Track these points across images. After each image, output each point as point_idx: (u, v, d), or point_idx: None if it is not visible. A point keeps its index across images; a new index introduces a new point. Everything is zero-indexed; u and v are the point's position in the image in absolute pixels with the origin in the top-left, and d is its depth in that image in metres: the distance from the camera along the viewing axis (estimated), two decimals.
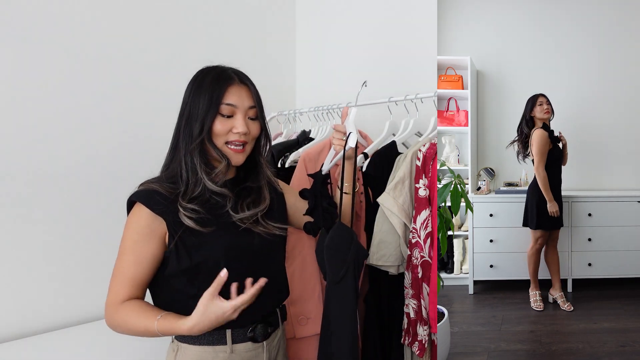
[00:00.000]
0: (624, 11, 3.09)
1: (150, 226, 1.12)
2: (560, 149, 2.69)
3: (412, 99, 1.68)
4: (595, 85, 3.13)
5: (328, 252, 1.25)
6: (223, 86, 1.15)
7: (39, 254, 1.75)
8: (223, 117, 1.16)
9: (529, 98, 2.73)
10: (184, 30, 2.12)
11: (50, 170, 1.76)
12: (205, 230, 1.12)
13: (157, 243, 1.13)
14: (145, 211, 1.12)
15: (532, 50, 3.17)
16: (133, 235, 1.13)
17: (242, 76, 1.21)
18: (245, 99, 1.18)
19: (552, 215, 2.62)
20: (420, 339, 1.53)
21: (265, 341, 1.21)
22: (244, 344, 1.18)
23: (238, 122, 1.16)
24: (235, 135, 1.16)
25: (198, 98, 1.16)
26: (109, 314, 1.13)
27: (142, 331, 1.10)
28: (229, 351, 1.17)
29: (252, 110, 1.19)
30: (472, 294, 2.97)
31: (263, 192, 1.24)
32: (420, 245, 1.50)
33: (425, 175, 1.52)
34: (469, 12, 3.20)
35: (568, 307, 2.68)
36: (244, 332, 1.18)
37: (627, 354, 2.20)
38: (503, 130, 3.17)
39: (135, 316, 1.10)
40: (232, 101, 1.16)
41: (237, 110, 1.16)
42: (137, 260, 1.12)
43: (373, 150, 1.71)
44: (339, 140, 1.32)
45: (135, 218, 1.13)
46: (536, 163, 2.60)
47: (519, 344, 2.33)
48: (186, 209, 1.11)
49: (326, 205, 1.33)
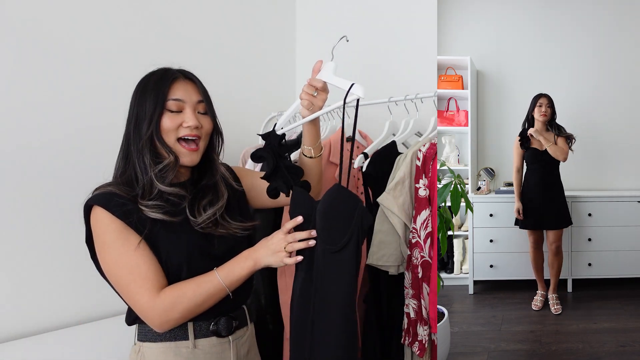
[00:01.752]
0: (624, 11, 3.09)
1: (118, 224, 1.09)
2: (539, 149, 2.68)
3: (412, 99, 1.68)
4: (596, 85, 3.13)
5: (325, 218, 1.09)
6: (167, 83, 1.15)
7: (39, 253, 1.75)
8: (171, 113, 1.15)
9: (534, 97, 2.73)
10: (184, 30, 2.12)
11: (51, 170, 1.76)
12: (176, 219, 1.12)
13: (135, 234, 1.10)
14: (106, 214, 1.09)
15: (532, 50, 3.17)
16: (112, 239, 1.09)
17: (187, 72, 1.21)
18: (192, 93, 1.17)
19: (517, 216, 2.73)
20: (421, 339, 1.53)
21: (231, 336, 1.19)
22: (208, 339, 1.16)
23: (187, 115, 1.15)
24: (187, 130, 1.15)
25: (144, 100, 1.14)
26: (154, 308, 1.07)
27: (205, 291, 1.09)
28: (191, 346, 1.14)
29: (201, 105, 1.19)
30: (472, 294, 2.97)
31: (219, 189, 1.22)
32: (420, 245, 1.50)
33: (425, 175, 1.52)
34: (469, 12, 3.20)
35: (555, 310, 2.66)
36: (207, 326, 1.16)
37: (627, 354, 2.20)
38: (503, 130, 3.17)
39: (189, 285, 1.10)
40: (179, 96, 1.15)
41: (184, 105, 1.16)
42: (137, 253, 1.09)
43: (373, 150, 1.71)
44: (308, 94, 1.19)
45: (101, 222, 1.10)
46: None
47: (519, 344, 2.33)
48: (148, 206, 1.10)
49: (288, 164, 1.19)
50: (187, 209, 1.15)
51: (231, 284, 1.11)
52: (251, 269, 1.12)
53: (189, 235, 1.15)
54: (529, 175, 2.72)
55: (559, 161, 2.69)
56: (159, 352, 1.14)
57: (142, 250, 1.09)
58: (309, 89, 1.21)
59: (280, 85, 2.54)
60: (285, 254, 1.09)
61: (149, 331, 1.16)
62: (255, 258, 1.12)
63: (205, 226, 1.16)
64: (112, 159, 1.86)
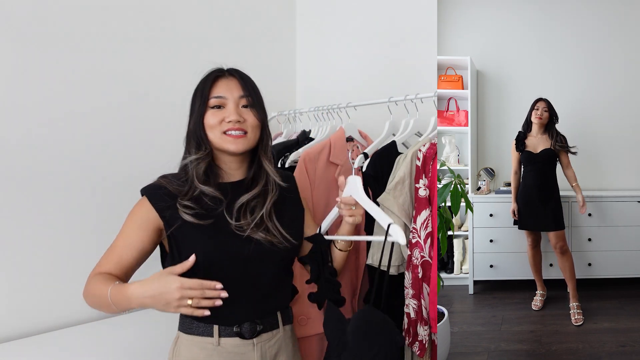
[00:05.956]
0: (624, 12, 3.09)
1: (147, 217, 1.18)
2: (533, 152, 2.71)
3: (412, 99, 1.68)
4: (595, 85, 3.12)
5: (355, 338, 1.14)
6: (210, 82, 1.22)
7: (39, 254, 1.75)
8: (214, 109, 1.21)
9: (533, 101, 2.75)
10: (183, 30, 2.12)
11: (51, 170, 1.76)
12: (204, 222, 1.16)
13: (148, 234, 1.18)
14: (146, 203, 1.18)
15: (532, 50, 3.17)
16: (130, 221, 1.20)
17: (232, 70, 1.26)
18: (235, 89, 1.22)
19: (512, 216, 2.78)
20: (421, 339, 1.53)
21: (255, 339, 1.21)
22: (232, 338, 1.20)
23: (229, 110, 1.20)
24: (229, 124, 1.19)
25: (194, 99, 1.24)
26: (86, 283, 1.18)
27: (98, 295, 1.11)
28: (215, 343, 1.19)
29: (244, 99, 1.22)
30: (472, 294, 2.97)
31: (263, 187, 1.24)
32: (421, 245, 1.50)
33: (425, 175, 1.52)
34: (469, 12, 3.20)
35: (575, 320, 2.61)
36: (230, 329, 1.21)
37: (627, 354, 2.20)
38: (503, 130, 3.17)
39: (100, 282, 1.12)
40: (220, 93, 1.21)
41: (226, 101, 1.21)
42: (126, 243, 1.18)
43: (373, 150, 1.71)
44: (350, 211, 1.25)
45: (137, 207, 1.21)
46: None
47: (519, 344, 2.33)
48: (182, 205, 1.16)
49: (328, 275, 1.28)
50: (225, 210, 1.19)
51: (113, 298, 1.07)
52: (130, 294, 1.04)
53: (219, 237, 1.17)
54: (525, 176, 2.75)
55: (555, 163, 2.71)
56: (189, 343, 1.22)
57: (129, 243, 1.18)
58: (347, 206, 1.25)
59: (280, 86, 2.54)
60: (180, 305, 1.01)
61: (184, 322, 1.24)
62: (140, 304, 1.04)
63: (243, 227, 1.19)
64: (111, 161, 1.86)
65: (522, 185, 2.76)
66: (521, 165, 2.77)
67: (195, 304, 1.01)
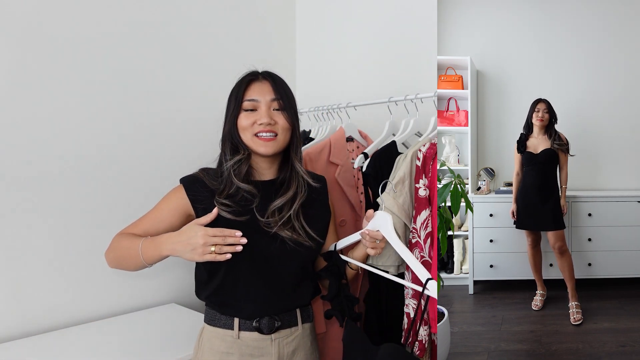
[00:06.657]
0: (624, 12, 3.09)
1: (180, 204, 1.26)
2: (533, 152, 2.72)
3: (412, 99, 1.68)
4: (595, 85, 3.12)
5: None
6: (244, 85, 1.26)
7: (40, 254, 1.75)
8: (247, 112, 1.24)
9: (533, 102, 2.76)
10: (183, 31, 2.12)
11: (52, 170, 1.77)
12: (241, 219, 1.20)
13: (178, 218, 1.26)
14: (182, 192, 1.26)
15: (532, 50, 3.17)
16: (164, 203, 1.29)
17: (266, 73, 1.30)
18: (267, 92, 1.25)
19: (511, 217, 2.79)
20: (421, 339, 1.53)
21: (273, 335, 1.26)
22: (251, 333, 1.25)
23: (261, 113, 1.24)
24: (260, 126, 1.23)
25: (229, 101, 1.30)
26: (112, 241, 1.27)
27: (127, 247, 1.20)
28: (235, 336, 1.24)
29: (275, 103, 1.25)
30: (472, 294, 2.97)
31: (292, 187, 1.28)
32: (420, 245, 1.50)
33: (425, 175, 1.51)
34: (469, 12, 3.20)
35: (574, 320, 2.62)
36: (250, 323, 1.25)
37: (627, 354, 2.20)
38: (503, 130, 3.17)
39: (131, 237, 1.22)
40: (253, 96, 1.25)
41: (259, 104, 1.24)
42: (156, 220, 1.27)
43: (373, 150, 1.71)
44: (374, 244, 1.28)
45: (173, 193, 1.29)
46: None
47: (519, 344, 2.33)
48: (219, 202, 1.22)
49: (347, 292, 1.33)
50: (255, 207, 1.23)
51: (146, 258, 1.19)
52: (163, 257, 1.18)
53: (248, 233, 1.18)
54: (525, 176, 2.76)
55: (555, 163, 2.71)
56: (211, 335, 1.29)
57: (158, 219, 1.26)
58: (372, 240, 1.27)
59: None
60: (204, 251, 1.10)
61: (208, 314, 1.32)
62: (170, 250, 1.15)
63: (271, 224, 1.23)
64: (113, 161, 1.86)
65: (521, 185, 2.77)
66: (522, 166, 2.78)
67: (218, 250, 1.10)
